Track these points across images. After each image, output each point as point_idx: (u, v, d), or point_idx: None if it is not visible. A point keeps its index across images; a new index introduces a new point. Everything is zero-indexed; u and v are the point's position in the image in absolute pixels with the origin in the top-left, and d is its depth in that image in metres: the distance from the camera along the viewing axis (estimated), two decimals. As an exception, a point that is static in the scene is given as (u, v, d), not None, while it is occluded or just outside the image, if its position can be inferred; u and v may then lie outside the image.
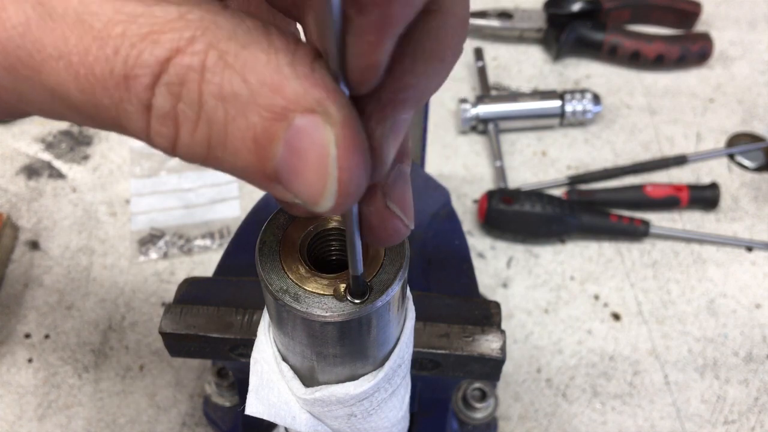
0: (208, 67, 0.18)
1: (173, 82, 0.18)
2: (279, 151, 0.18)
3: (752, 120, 0.83)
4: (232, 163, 0.19)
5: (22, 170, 0.76)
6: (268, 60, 0.18)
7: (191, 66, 0.18)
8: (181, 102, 0.18)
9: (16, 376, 0.62)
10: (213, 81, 0.18)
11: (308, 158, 0.18)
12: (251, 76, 0.18)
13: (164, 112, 0.18)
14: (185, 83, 0.18)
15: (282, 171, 0.18)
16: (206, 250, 0.70)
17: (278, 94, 0.18)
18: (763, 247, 0.72)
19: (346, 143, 0.18)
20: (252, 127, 0.18)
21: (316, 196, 0.19)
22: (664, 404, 0.62)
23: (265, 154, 0.18)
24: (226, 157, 0.19)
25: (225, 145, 0.18)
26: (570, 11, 0.87)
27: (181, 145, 0.19)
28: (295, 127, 0.18)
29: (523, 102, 0.80)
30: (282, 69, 0.18)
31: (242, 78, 0.18)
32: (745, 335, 0.66)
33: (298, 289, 0.26)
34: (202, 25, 0.18)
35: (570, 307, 0.68)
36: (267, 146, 0.18)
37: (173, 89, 0.18)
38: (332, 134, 0.18)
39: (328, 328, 0.27)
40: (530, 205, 0.69)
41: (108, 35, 0.18)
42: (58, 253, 0.70)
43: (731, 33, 0.92)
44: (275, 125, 0.18)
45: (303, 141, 0.18)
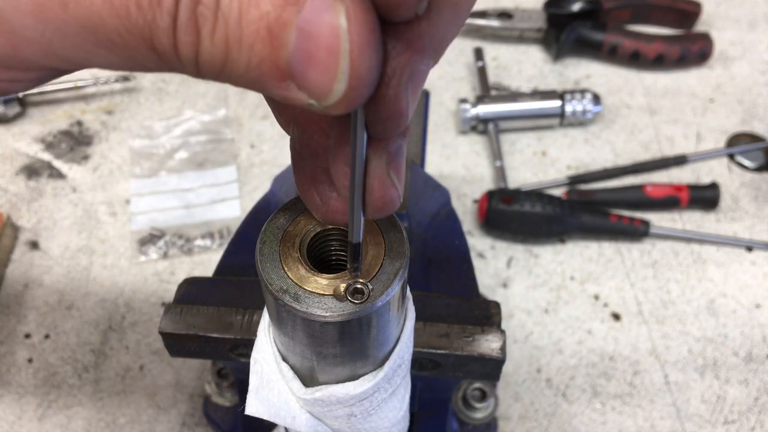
0: None
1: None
2: (292, 38, 0.18)
3: (752, 120, 0.83)
4: (247, 62, 0.19)
5: (22, 170, 0.76)
6: None
7: None
8: (200, 4, 0.18)
9: (16, 376, 0.62)
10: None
11: (320, 39, 0.18)
12: None
13: (186, 18, 0.19)
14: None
15: (295, 60, 0.19)
16: (206, 250, 0.70)
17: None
18: (763, 247, 0.72)
19: (357, 20, 0.18)
20: (265, 16, 0.18)
21: (330, 81, 0.19)
22: (664, 404, 0.62)
23: (278, 43, 0.18)
24: (242, 58, 0.19)
25: (240, 41, 0.19)
26: (570, 11, 0.87)
27: (203, 51, 0.19)
28: (307, 9, 0.18)
29: (523, 102, 0.80)
30: None
31: None
32: (745, 335, 0.66)
33: (298, 289, 0.26)
34: None
35: (570, 307, 0.68)
36: (280, 34, 0.18)
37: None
38: (343, 13, 0.18)
39: (328, 328, 0.27)
40: (530, 205, 0.69)
41: None
42: (58, 253, 0.70)
43: (731, 33, 0.92)
44: (287, 10, 0.18)
45: (314, 23, 0.18)
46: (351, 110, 0.20)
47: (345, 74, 0.19)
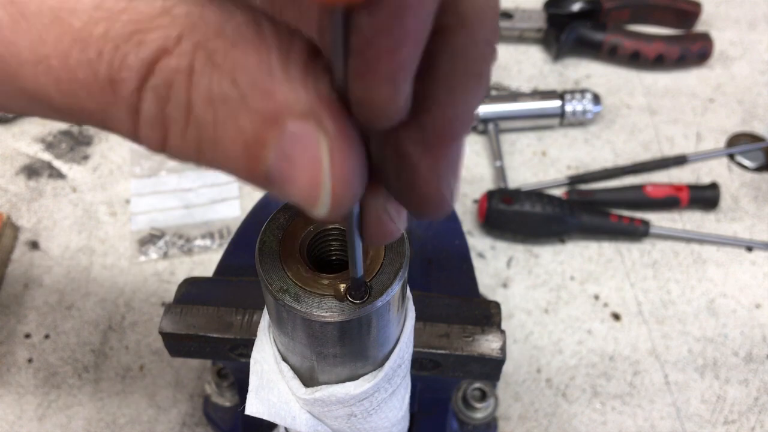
0: (196, 70, 0.17)
1: (160, 85, 0.17)
2: (270, 157, 0.17)
3: (752, 120, 0.83)
4: (222, 164, 0.18)
5: (22, 170, 0.76)
6: (259, 60, 0.17)
7: (178, 68, 0.17)
8: (169, 105, 0.17)
9: (16, 376, 0.62)
10: (201, 84, 0.17)
11: (300, 166, 0.17)
12: (241, 77, 0.17)
13: (152, 115, 0.17)
14: (172, 86, 0.17)
15: (274, 176, 0.18)
16: (206, 250, 0.70)
17: (269, 98, 0.17)
18: (763, 247, 0.72)
19: (341, 153, 0.17)
20: (242, 131, 0.17)
21: (310, 202, 0.18)
22: (664, 404, 0.62)
23: (256, 159, 0.18)
24: (216, 158, 0.18)
25: (215, 147, 0.18)
26: (570, 11, 0.87)
27: (171, 146, 0.18)
28: (287, 133, 0.17)
29: (523, 102, 0.80)
30: (274, 71, 0.17)
31: (232, 80, 0.17)
32: (745, 335, 0.66)
33: (298, 289, 0.26)
34: (189, 21, 0.17)
35: (570, 307, 0.68)
36: (258, 151, 0.17)
37: (161, 92, 0.17)
38: (325, 143, 0.17)
39: (328, 328, 0.27)
40: (530, 205, 0.69)
41: (89, 35, 0.17)
42: (58, 253, 0.70)
43: (731, 33, 0.92)
44: (266, 130, 0.17)
45: (295, 149, 0.17)
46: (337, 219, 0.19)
47: (326, 202, 0.18)
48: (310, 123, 0.17)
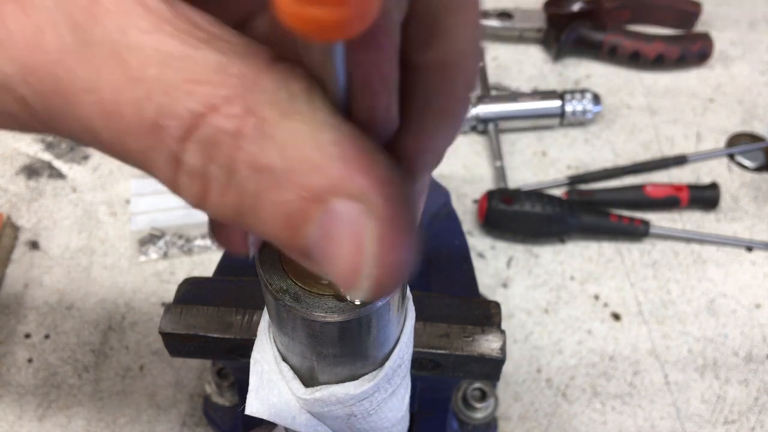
0: (245, 135, 0.16)
1: (206, 141, 0.16)
2: (312, 232, 0.17)
3: (752, 120, 0.83)
4: (262, 231, 0.18)
5: (22, 170, 0.76)
6: (311, 135, 0.16)
7: (226, 129, 0.16)
8: (212, 163, 0.17)
9: (16, 376, 0.62)
10: (248, 150, 0.16)
11: (342, 247, 0.17)
12: (291, 150, 0.16)
13: (194, 169, 0.17)
14: (218, 146, 0.16)
15: (314, 252, 0.17)
16: (206, 250, 0.70)
17: (318, 174, 0.16)
18: (763, 247, 0.72)
19: (388, 239, 0.17)
20: (285, 204, 0.17)
21: (348, 285, 0.17)
22: (664, 404, 0.62)
23: (297, 232, 0.17)
24: (255, 224, 0.17)
25: (255, 214, 0.17)
26: (570, 11, 0.87)
27: (210, 203, 0.18)
28: (332, 211, 0.16)
29: (523, 102, 0.80)
30: (325, 147, 0.16)
31: (280, 151, 0.16)
32: (745, 335, 0.66)
33: (298, 289, 0.26)
34: (242, 84, 0.16)
35: (570, 307, 0.68)
36: (300, 225, 0.17)
37: (205, 149, 0.17)
38: (373, 227, 0.17)
39: (328, 328, 0.27)
40: (530, 205, 0.69)
41: (142, 76, 0.16)
42: (58, 253, 0.70)
43: (731, 33, 0.92)
44: (311, 206, 0.16)
45: (339, 228, 0.17)
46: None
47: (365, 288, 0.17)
48: (358, 203, 0.16)
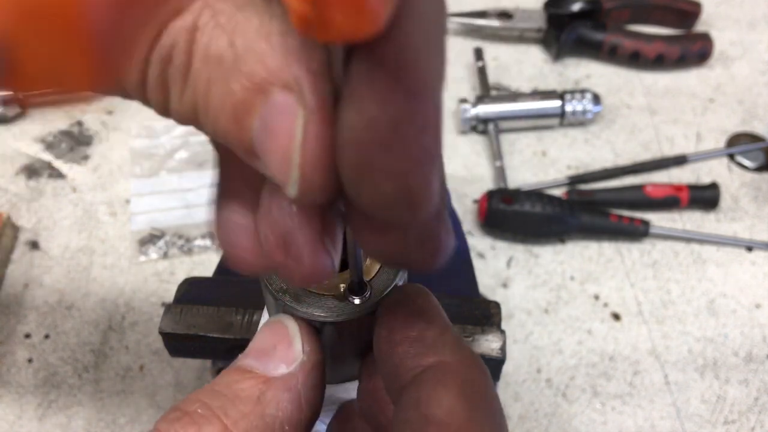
0: (199, 27, 0.17)
1: (166, 46, 0.17)
2: (255, 125, 0.17)
3: (752, 120, 0.83)
4: (213, 129, 0.18)
5: (22, 170, 0.76)
6: (260, 25, 0.17)
7: (184, 26, 0.17)
8: (171, 65, 0.17)
9: (16, 376, 0.62)
10: (201, 41, 0.17)
11: (277, 138, 0.17)
12: (239, 39, 0.17)
13: (156, 77, 0.18)
14: (176, 44, 0.17)
15: (257, 146, 0.18)
16: (206, 250, 0.70)
17: (262, 63, 0.17)
18: (763, 247, 0.72)
19: (314, 131, 0.17)
20: (231, 94, 0.17)
21: (282, 179, 0.18)
22: (664, 404, 0.62)
23: (242, 125, 0.17)
24: (209, 122, 0.18)
25: (206, 110, 0.18)
26: (570, 11, 0.87)
27: (172, 109, 0.18)
28: (271, 102, 0.17)
29: (523, 102, 0.80)
30: (271, 37, 0.17)
31: (230, 40, 0.17)
32: (745, 335, 0.66)
33: (298, 289, 0.26)
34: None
35: (570, 307, 0.68)
36: (244, 117, 0.17)
37: (166, 52, 0.17)
38: (302, 118, 0.17)
39: (328, 328, 0.27)
40: (530, 205, 0.69)
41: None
42: (58, 253, 0.70)
43: (731, 33, 0.92)
44: (253, 96, 0.17)
45: (275, 119, 0.17)
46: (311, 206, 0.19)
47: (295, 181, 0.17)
48: (293, 94, 0.17)
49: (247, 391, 0.23)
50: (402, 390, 0.22)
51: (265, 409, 0.22)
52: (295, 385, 0.23)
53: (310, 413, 0.24)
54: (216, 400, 0.22)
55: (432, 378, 0.21)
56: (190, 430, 0.21)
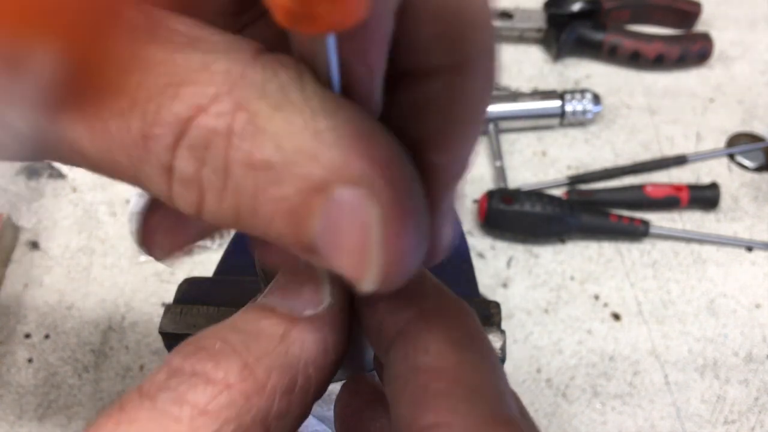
0: (236, 132, 0.15)
1: (197, 145, 0.16)
2: (316, 225, 0.16)
3: (752, 120, 0.83)
4: (264, 232, 0.17)
5: (22, 170, 0.76)
6: (305, 124, 0.16)
7: (216, 129, 0.15)
8: (205, 167, 0.16)
9: (16, 376, 0.62)
10: (242, 147, 0.15)
11: (348, 236, 0.16)
12: (286, 142, 0.15)
13: (187, 176, 0.16)
14: (210, 148, 0.16)
15: (320, 246, 0.16)
16: (206, 250, 0.70)
17: (316, 163, 0.15)
18: (763, 247, 0.72)
19: (393, 223, 0.16)
20: (285, 199, 0.16)
21: (357, 276, 0.17)
22: (664, 404, 0.62)
23: (300, 228, 0.16)
24: (257, 225, 0.17)
25: (255, 215, 0.16)
26: (570, 11, 0.87)
27: (207, 211, 0.17)
28: (335, 200, 0.15)
29: (523, 102, 0.80)
30: (321, 134, 0.15)
31: (275, 145, 0.15)
32: (745, 335, 0.66)
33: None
34: (229, 80, 0.16)
35: (570, 307, 0.68)
36: (303, 220, 0.16)
37: (197, 153, 0.16)
38: (377, 212, 0.16)
39: None
40: (530, 205, 0.69)
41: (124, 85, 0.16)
42: (58, 253, 0.70)
43: (731, 33, 0.92)
44: (312, 197, 0.15)
45: (342, 217, 0.16)
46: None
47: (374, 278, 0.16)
48: (361, 188, 0.15)
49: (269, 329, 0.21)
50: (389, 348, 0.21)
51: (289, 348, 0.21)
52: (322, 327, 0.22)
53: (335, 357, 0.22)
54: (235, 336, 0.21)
55: (415, 328, 0.21)
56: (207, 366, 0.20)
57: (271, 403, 0.20)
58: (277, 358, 0.21)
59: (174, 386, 0.19)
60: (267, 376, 0.20)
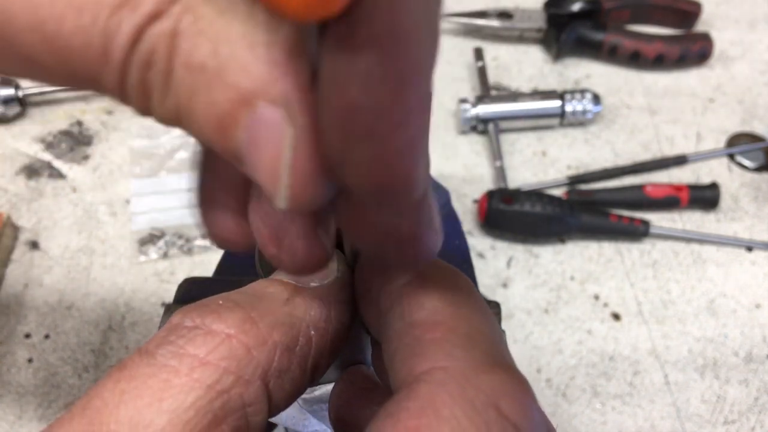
0: (180, 32, 0.16)
1: (146, 50, 0.16)
2: (240, 136, 0.17)
3: (752, 120, 0.83)
4: (200, 136, 0.18)
5: (22, 170, 0.76)
6: (244, 33, 0.16)
7: (164, 30, 0.16)
8: (151, 71, 0.17)
9: (16, 376, 0.62)
10: (182, 47, 0.16)
11: (264, 152, 0.17)
12: (223, 47, 0.16)
13: (136, 81, 0.17)
14: (156, 51, 0.16)
15: (244, 156, 0.17)
16: (206, 250, 0.70)
17: (246, 75, 0.16)
18: (763, 247, 0.72)
19: (304, 150, 0.16)
20: (216, 105, 0.16)
21: (271, 192, 0.17)
22: (664, 404, 0.62)
23: (227, 136, 0.17)
24: (193, 129, 0.17)
25: (190, 117, 0.17)
26: (570, 11, 0.87)
27: (153, 111, 0.18)
28: (257, 115, 0.16)
29: (523, 102, 0.80)
30: (256, 47, 0.16)
31: (212, 48, 0.16)
32: (745, 335, 0.66)
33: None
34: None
35: (570, 307, 0.68)
36: (230, 128, 0.17)
37: (145, 57, 0.16)
38: (291, 135, 0.16)
39: None
40: (530, 205, 0.69)
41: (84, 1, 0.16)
42: (58, 253, 0.70)
43: (731, 33, 0.92)
44: (239, 108, 0.16)
45: (261, 133, 0.16)
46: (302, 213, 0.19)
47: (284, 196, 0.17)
48: (281, 110, 0.16)
49: (275, 294, 0.22)
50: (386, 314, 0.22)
51: (293, 310, 0.21)
52: (327, 296, 0.22)
53: (338, 327, 0.23)
54: (239, 295, 0.21)
55: (410, 291, 0.21)
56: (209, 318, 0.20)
57: (271, 358, 0.20)
58: (280, 316, 0.21)
59: (173, 340, 0.19)
60: (269, 331, 0.20)
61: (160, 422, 0.18)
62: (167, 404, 0.18)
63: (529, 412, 0.18)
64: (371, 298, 0.23)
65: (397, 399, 0.18)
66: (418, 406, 0.17)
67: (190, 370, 0.18)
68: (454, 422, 0.17)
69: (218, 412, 0.18)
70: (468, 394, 0.18)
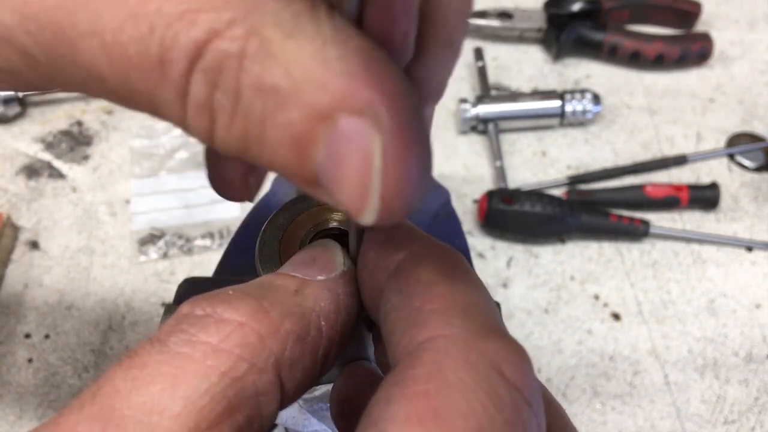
0: (248, 55, 0.16)
1: (210, 69, 0.16)
2: (319, 155, 0.16)
3: (752, 120, 0.83)
4: (270, 161, 0.17)
5: (22, 170, 0.76)
6: (315, 52, 0.16)
7: (229, 52, 0.16)
8: (218, 91, 0.16)
9: (16, 376, 0.62)
10: (252, 71, 0.16)
11: (350, 166, 0.16)
12: (295, 69, 0.16)
13: (200, 101, 0.17)
14: (223, 71, 0.16)
15: (323, 176, 0.17)
16: (206, 250, 0.70)
17: (323, 91, 0.16)
18: (763, 247, 0.72)
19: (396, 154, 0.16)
20: (291, 125, 0.16)
21: (358, 209, 0.17)
22: (664, 404, 0.62)
23: (304, 156, 0.16)
24: (263, 153, 0.17)
25: (262, 141, 0.17)
26: (570, 11, 0.87)
27: (217, 137, 0.17)
28: (339, 129, 0.16)
29: (523, 102, 0.80)
30: (330, 63, 0.16)
31: (284, 70, 0.16)
32: (745, 335, 0.66)
33: None
34: (244, 7, 0.16)
35: (570, 307, 0.68)
36: (307, 147, 0.16)
37: (210, 76, 0.16)
38: (379, 141, 0.16)
39: None
40: (530, 205, 0.69)
41: (143, 11, 0.16)
42: (58, 253, 0.70)
43: (731, 33, 0.92)
44: (317, 125, 0.16)
45: (345, 146, 0.16)
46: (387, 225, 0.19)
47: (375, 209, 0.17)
48: (365, 118, 0.16)
49: (284, 286, 0.22)
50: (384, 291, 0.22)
51: (303, 301, 0.21)
52: (335, 288, 0.22)
53: (346, 317, 0.23)
54: (249, 287, 0.22)
55: (407, 266, 0.21)
56: (220, 307, 0.20)
57: (284, 346, 0.20)
58: (290, 306, 0.21)
59: (185, 328, 0.19)
60: (281, 320, 0.20)
61: (174, 408, 0.18)
62: (182, 390, 0.18)
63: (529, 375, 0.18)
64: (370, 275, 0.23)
65: (401, 368, 0.18)
66: (425, 372, 0.17)
67: (203, 356, 0.18)
68: (461, 385, 0.17)
69: (232, 400, 0.18)
70: (471, 358, 0.18)
